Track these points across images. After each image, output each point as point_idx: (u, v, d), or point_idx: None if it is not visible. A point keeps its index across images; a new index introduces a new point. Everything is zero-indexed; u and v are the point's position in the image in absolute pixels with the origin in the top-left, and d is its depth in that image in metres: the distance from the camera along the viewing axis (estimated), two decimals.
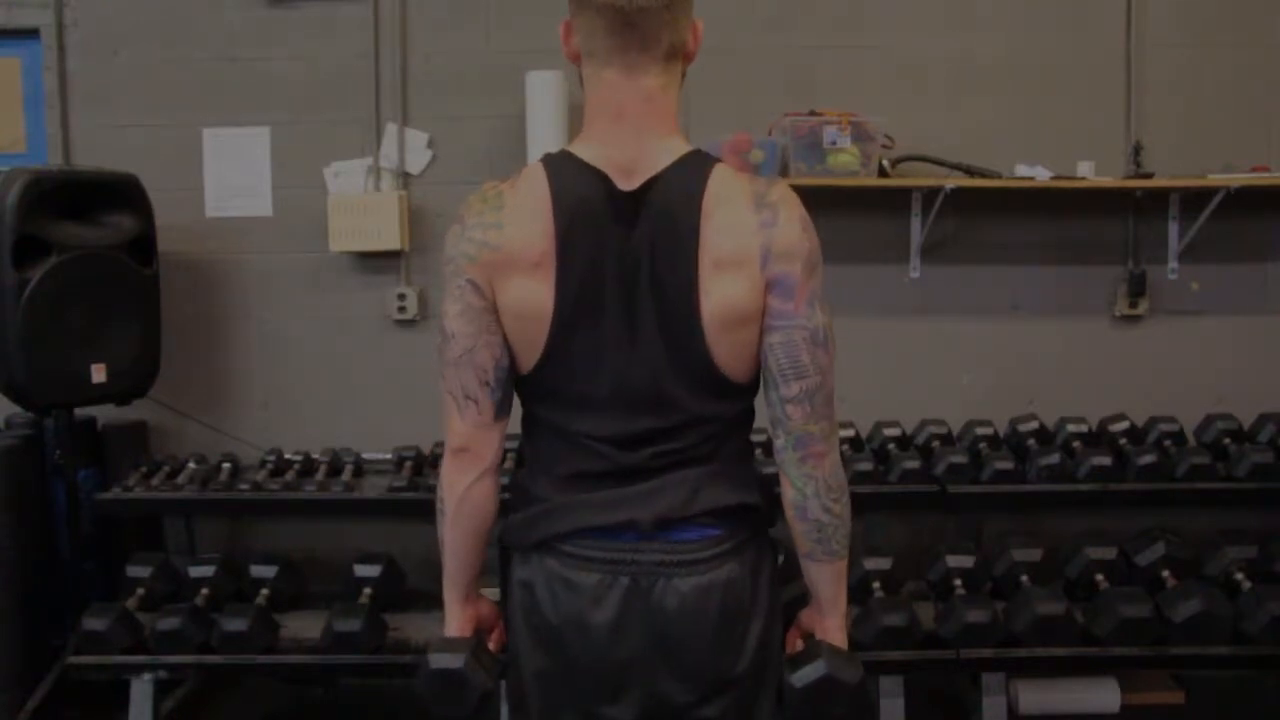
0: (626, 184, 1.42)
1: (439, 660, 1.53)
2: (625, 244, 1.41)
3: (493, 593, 1.65)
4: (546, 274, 1.41)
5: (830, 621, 1.55)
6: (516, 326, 1.45)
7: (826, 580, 1.53)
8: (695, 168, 1.43)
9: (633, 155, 1.43)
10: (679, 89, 1.49)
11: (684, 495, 1.46)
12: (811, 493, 1.46)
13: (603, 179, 1.42)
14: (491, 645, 1.63)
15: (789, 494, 1.48)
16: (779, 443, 1.47)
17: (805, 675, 1.50)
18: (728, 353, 1.43)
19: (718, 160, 1.46)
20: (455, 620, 1.58)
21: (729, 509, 1.49)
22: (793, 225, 1.43)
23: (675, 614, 1.45)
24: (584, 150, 1.45)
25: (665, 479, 1.47)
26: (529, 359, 1.46)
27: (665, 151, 1.44)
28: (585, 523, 1.47)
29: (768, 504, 1.55)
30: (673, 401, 1.45)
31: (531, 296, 1.42)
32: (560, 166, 1.45)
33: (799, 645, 1.60)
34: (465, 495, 1.50)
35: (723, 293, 1.40)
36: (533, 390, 1.50)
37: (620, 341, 1.43)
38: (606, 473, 1.48)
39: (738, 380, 1.47)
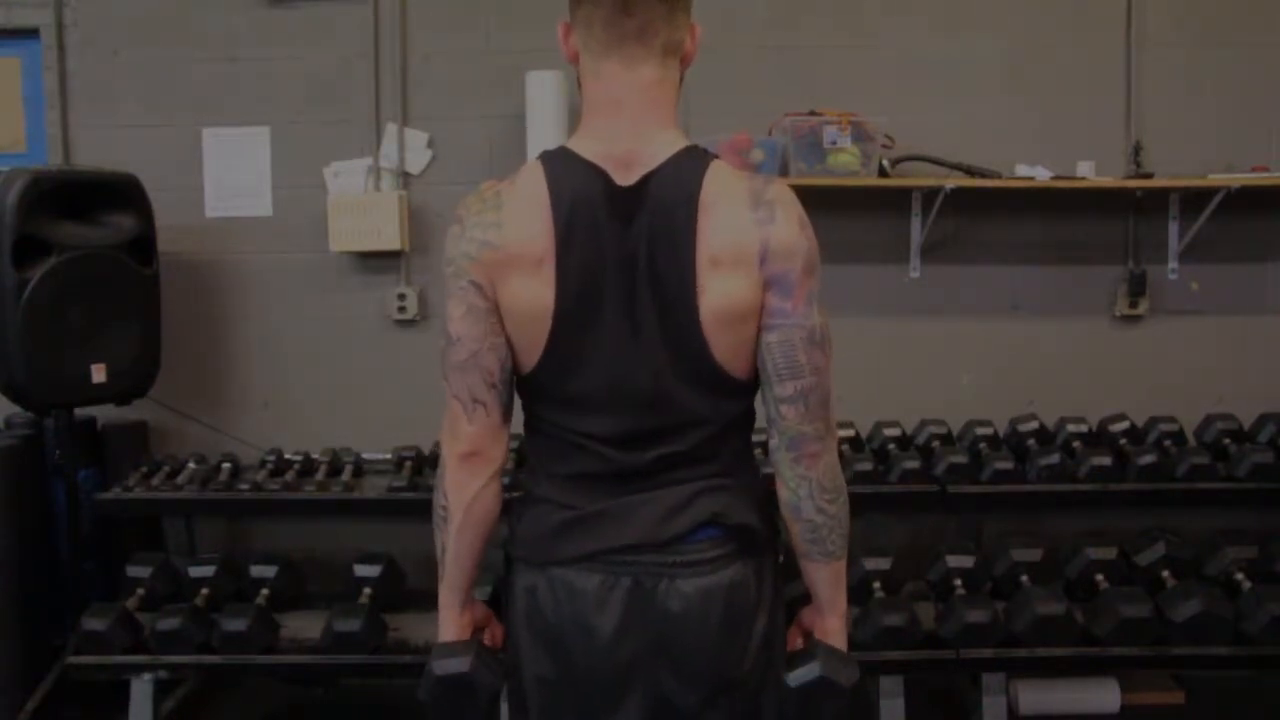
0: (624, 179, 1.42)
1: (444, 666, 1.50)
2: (623, 241, 1.41)
3: (480, 592, 1.63)
4: (547, 272, 1.41)
5: (829, 622, 1.55)
6: (517, 326, 1.44)
7: (824, 581, 1.53)
8: (692, 163, 1.43)
9: (630, 148, 1.42)
10: (677, 88, 1.49)
11: (688, 510, 1.45)
12: (805, 494, 1.46)
13: (600, 175, 1.42)
14: (486, 643, 1.62)
15: (783, 494, 1.48)
16: (773, 442, 1.47)
17: (800, 675, 1.49)
18: (727, 349, 1.43)
19: (715, 156, 1.46)
20: (453, 625, 1.56)
21: (734, 525, 1.48)
22: (791, 224, 1.42)
23: (678, 616, 1.45)
24: (582, 145, 1.44)
25: (668, 490, 1.46)
26: (530, 358, 1.46)
27: (663, 145, 1.43)
28: (592, 548, 1.46)
29: (770, 522, 1.54)
30: (673, 399, 1.44)
31: (532, 295, 1.42)
32: (558, 163, 1.44)
33: (799, 643, 1.60)
34: (475, 500, 1.48)
35: (720, 289, 1.40)
36: (533, 389, 1.50)
37: (620, 339, 1.43)
38: (608, 474, 1.47)
39: (738, 377, 1.46)
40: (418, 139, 3.45)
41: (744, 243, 1.40)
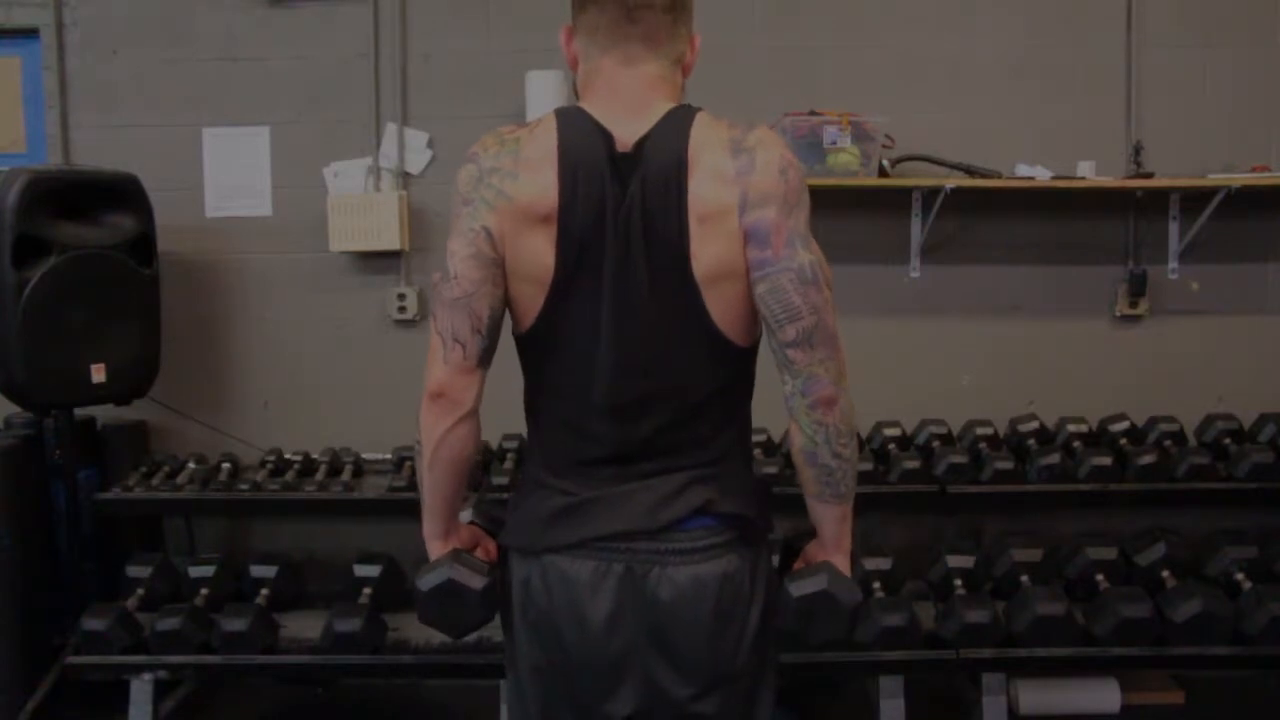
0: (624, 143, 1.43)
1: (426, 581, 1.54)
2: (620, 203, 1.41)
3: (465, 515, 1.65)
4: (550, 230, 1.42)
5: (835, 558, 1.55)
6: (519, 283, 1.45)
7: (832, 519, 1.53)
8: (679, 120, 1.44)
9: (631, 119, 1.43)
10: (679, 91, 1.50)
11: (681, 497, 1.46)
12: (823, 439, 1.45)
13: (606, 137, 1.43)
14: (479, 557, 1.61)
15: (799, 440, 1.46)
16: (787, 388, 1.44)
17: (803, 587, 1.50)
18: (723, 308, 1.43)
19: (699, 109, 1.46)
20: (436, 552, 1.58)
21: (727, 514, 1.49)
22: (769, 168, 1.42)
23: (669, 604, 1.46)
24: (593, 107, 1.45)
25: (663, 478, 1.47)
26: (528, 315, 1.47)
27: (657, 112, 1.44)
28: (585, 535, 1.46)
29: (765, 514, 1.55)
30: (667, 362, 1.44)
31: (536, 253, 1.43)
32: (571, 120, 1.45)
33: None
34: (443, 439, 1.49)
35: (712, 249, 1.41)
36: (531, 349, 1.50)
37: (616, 300, 1.43)
38: (604, 458, 1.48)
39: (735, 341, 1.46)
40: (418, 139, 3.45)
41: (725, 196, 1.40)
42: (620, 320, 1.43)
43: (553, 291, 1.43)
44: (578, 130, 1.43)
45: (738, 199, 1.40)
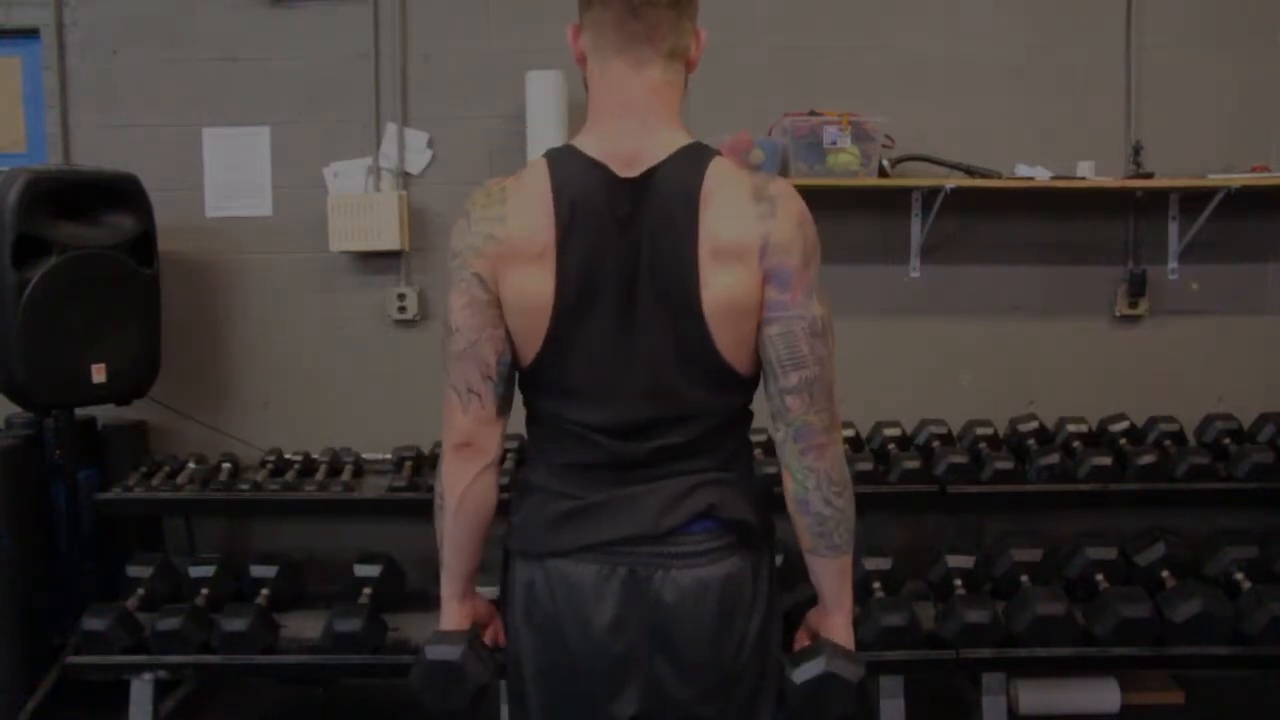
0: (627, 173, 1.43)
1: (436, 652, 1.53)
2: (625, 235, 1.42)
3: (490, 591, 1.65)
4: (548, 265, 1.42)
5: (835, 619, 1.55)
6: (518, 318, 1.46)
7: (830, 575, 1.52)
8: (694, 159, 1.44)
9: (636, 147, 1.43)
10: (683, 91, 1.50)
11: (685, 502, 1.46)
12: (813, 485, 1.46)
13: (604, 170, 1.43)
14: (487, 640, 1.63)
15: (790, 487, 1.47)
16: (779, 435, 1.46)
17: (805, 671, 1.49)
18: (729, 341, 1.43)
19: (717, 153, 1.47)
20: (452, 616, 1.58)
21: (729, 519, 1.49)
22: (790, 218, 1.43)
23: (673, 607, 1.46)
24: (587, 143, 1.46)
25: (666, 482, 1.47)
26: (530, 351, 1.47)
27: (668, 143, 1.44)
28: (589, 539, 1.47)
29: (767, 519, 1.55)
30: (672, 391, 1.45)
31: (533, 287, 1.43)
32: (562, 160, 1.46)
33: (806, 644, 1.60)
34: (468, 491, 1.50)
35: (722, 283, 1.41)
36: (533, 382, 1.50)
37: (620, 332, 1.43)
38: (606, 464, 1.48)
39: (740, 371, 1.47)
40: (418, 139, 3.45)
41: (745, 236, 1.41)
42: (623, 351, 1.44)
43: (553, 324, 1.43)
44: (571, 167, 1.44)
45: (760, 240, 1.41)
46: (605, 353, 1.44)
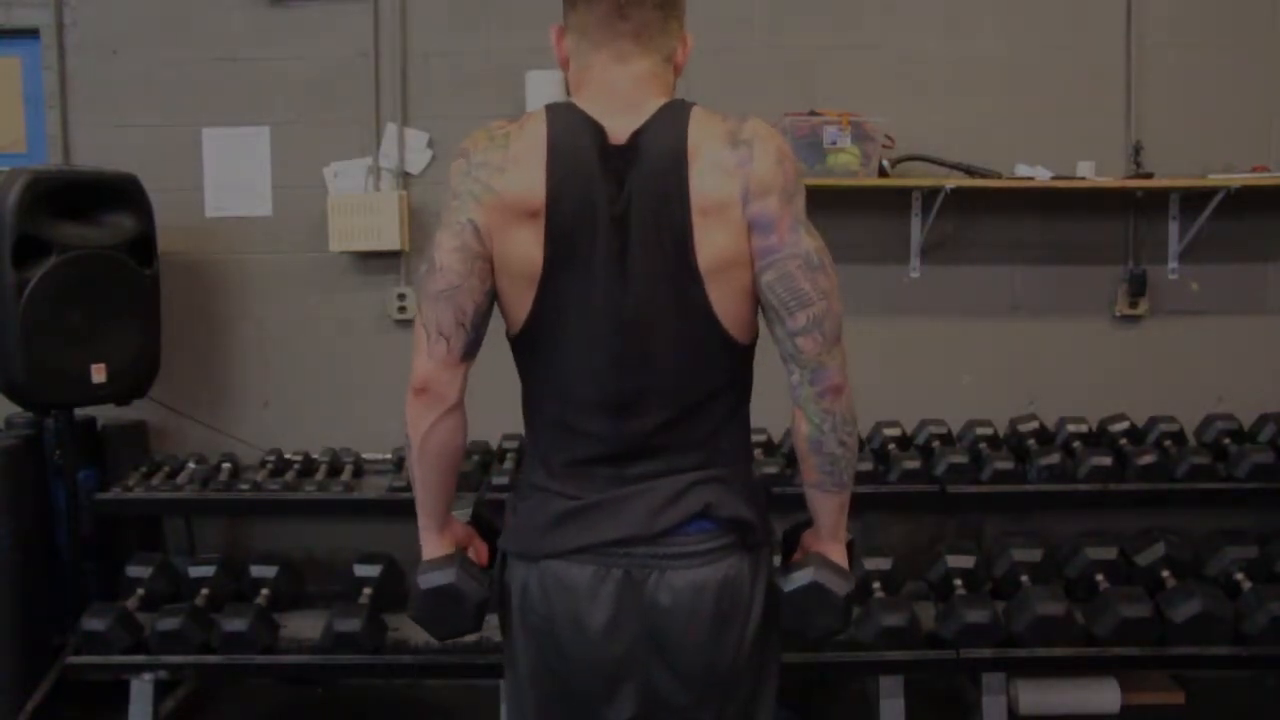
0: (618, 137, 1.43)
1: (430, 580, 1.53)
2: (617, 198, 1.41)
3: (462, 514, 1.65)
4: (538, 226, 1.42)
5: (831, 546, 1.55)
6: (509, 280, 1.45)
7: (832, 509, 1.53)
8: (675, 114, 1.44)
9: (625, 121, 1.43)
10: (671, 91, 1.49)
11: (681, 502, 1.46)
12: (829, 428, 1.45)
13: (598, 131, 1.43)
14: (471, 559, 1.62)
15: (804, 429, 1.46)
16: (794, 378, 1.45)
17: (793, 581, 1.51)
18: (724, 300, 1.43)
19: (694, 104, 1.46)
20: (434, 544, 1.58)
21: (727, 518, 1.48)
22: (767, 157, 1.42)
23: (668, 610, 1.45)
24: (586, 103, 1.46)
25: (662, 481, 1.46)
26: (520, 312, 1.46)
27: (651, 106, 1.44)
28: (584, 540, 1.46)
29: (765, 517, 1.55)
30: (664, 356, 1.44)
31: (524, 248, 1.43)
32: (561, 115, 1.45)
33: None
34: (429, 434, 1.50)
35: (714, 240, 1.41)
36: (525, 349, 1.50)
37: (612, 295, 1.43)
38: (603, 458, 1.47)
39: (736, 337, 1.46)
40: (418, 139, 3.45)
41: (727, 188, 1.40)
42: (616, 314, 1.43)
43: (542, 287, 1.43)
44: (568, 125, 1.43)
45: (740, 190, 1.40)
46: (596, 319, 1.43)
